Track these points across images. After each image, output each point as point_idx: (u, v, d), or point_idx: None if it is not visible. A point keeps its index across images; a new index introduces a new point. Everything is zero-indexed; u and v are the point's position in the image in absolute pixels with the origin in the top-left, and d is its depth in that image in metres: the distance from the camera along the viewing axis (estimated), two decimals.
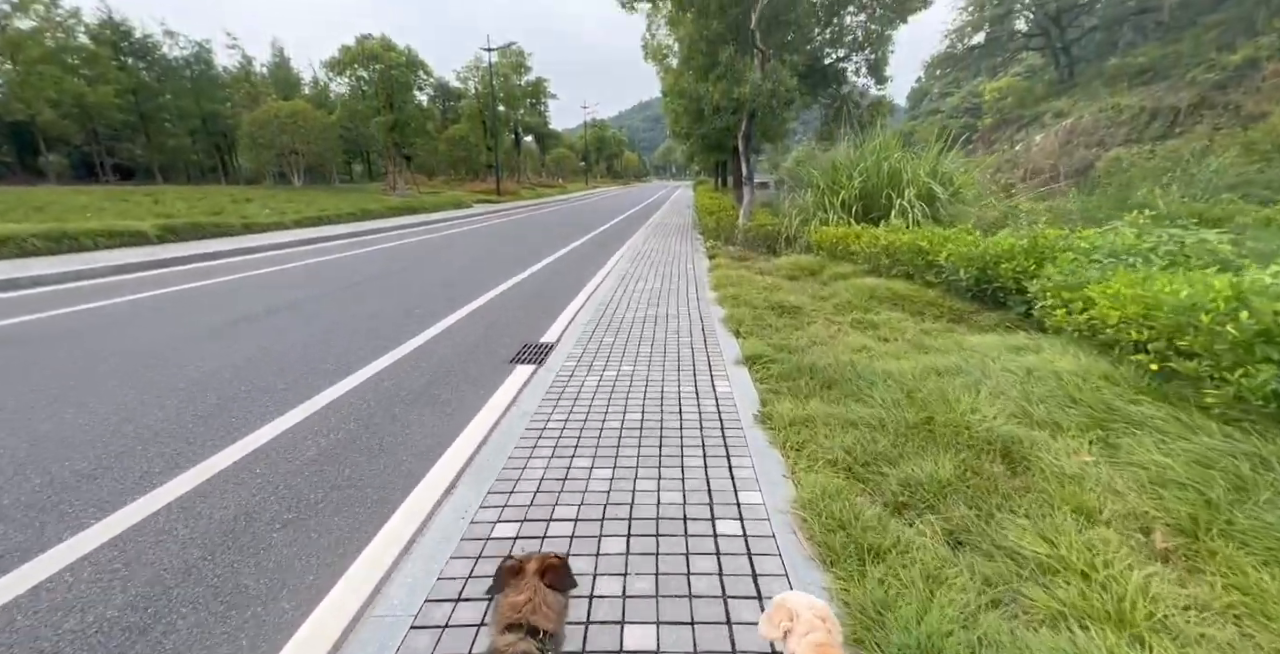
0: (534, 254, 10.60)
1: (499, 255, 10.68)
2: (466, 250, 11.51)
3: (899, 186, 8.99)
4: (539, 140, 62.54)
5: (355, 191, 30.67)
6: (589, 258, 10.32)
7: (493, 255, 10.70)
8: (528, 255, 10.44)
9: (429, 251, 11.33)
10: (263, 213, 14.23)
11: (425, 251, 11.33)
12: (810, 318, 5.31)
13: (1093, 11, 34.62)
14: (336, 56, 24.82)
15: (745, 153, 11.54)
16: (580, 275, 8.51)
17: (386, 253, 11.10)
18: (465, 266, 9.34)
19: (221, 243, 10.77)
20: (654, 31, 24.24)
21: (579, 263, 9.77)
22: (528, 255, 10.44)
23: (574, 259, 10.22)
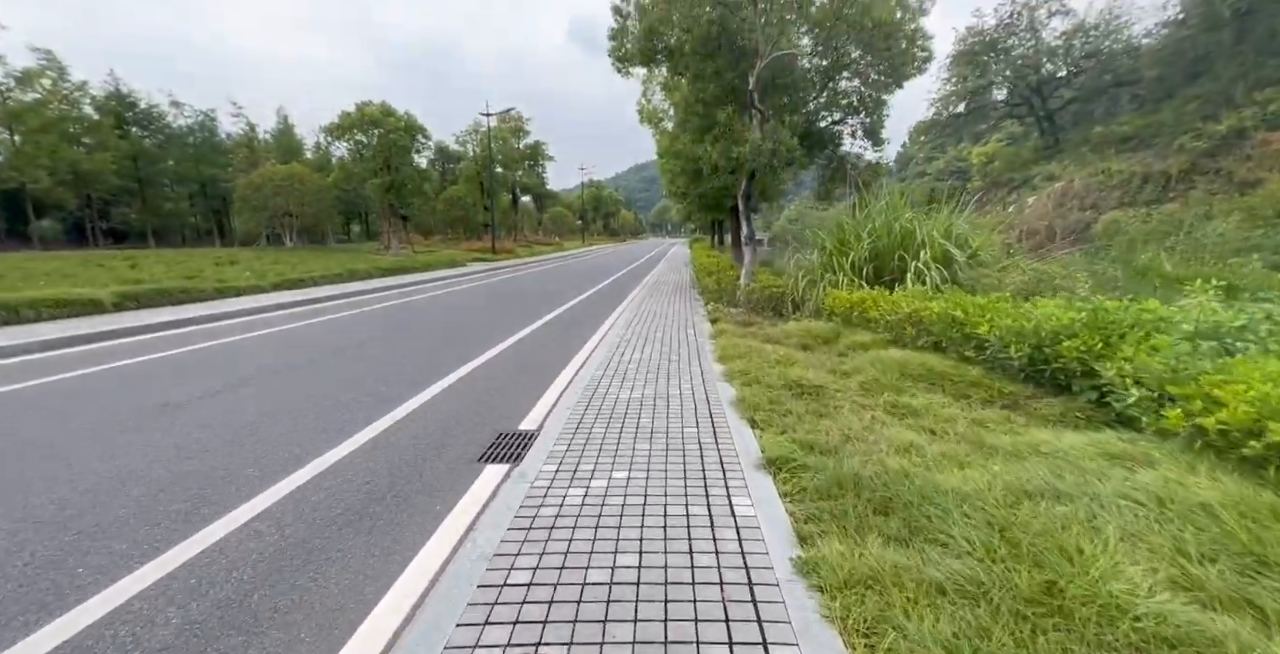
0: (522, 318, 9.96)
1: (485, 319, 10.03)
2: (451, 313, 10.88)
3: (911, 248, 8.51)
4: (537, 200, 64.00)
5: (349, 251, 30.59)
6: (581, 321, 9.68)
7: (478, 319, 10.05)
8: (515, 319, 9.80)
9: (411, 315, 10.69)
10: (243, 276, 13.72)
11: (406, 315, 10.69)
12: (835, 401, 4.55)
13: (1071, 84, 36.28)
14: (336, 122, 25.34)
15: (745, 212, 11.20)
16: (570, 342, 7.81)
17: (365, 317, 10.45)
18: (447, 333, 8.66)
19: (187, 310, 10.13)
20: (649, 97, 24.99)
21: (570, 327, 9.12)
22: (515, 319, 9.80)
23: (565, 323, 9.58)
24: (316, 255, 23.93)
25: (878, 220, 8.99)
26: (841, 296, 7.46)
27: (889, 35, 12.48)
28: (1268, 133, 21.29)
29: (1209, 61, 25.86)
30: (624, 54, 14.76)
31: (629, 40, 14.37)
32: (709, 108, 14.00)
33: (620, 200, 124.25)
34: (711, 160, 10.59)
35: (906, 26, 12.70)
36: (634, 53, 14.28)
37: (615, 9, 14.38)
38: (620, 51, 14.76)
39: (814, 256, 9.62)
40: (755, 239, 11.33)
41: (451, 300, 13.13)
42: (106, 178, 29.15)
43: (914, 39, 13.01)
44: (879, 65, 13.06)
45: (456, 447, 4.07)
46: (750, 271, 11.16)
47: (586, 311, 10.99)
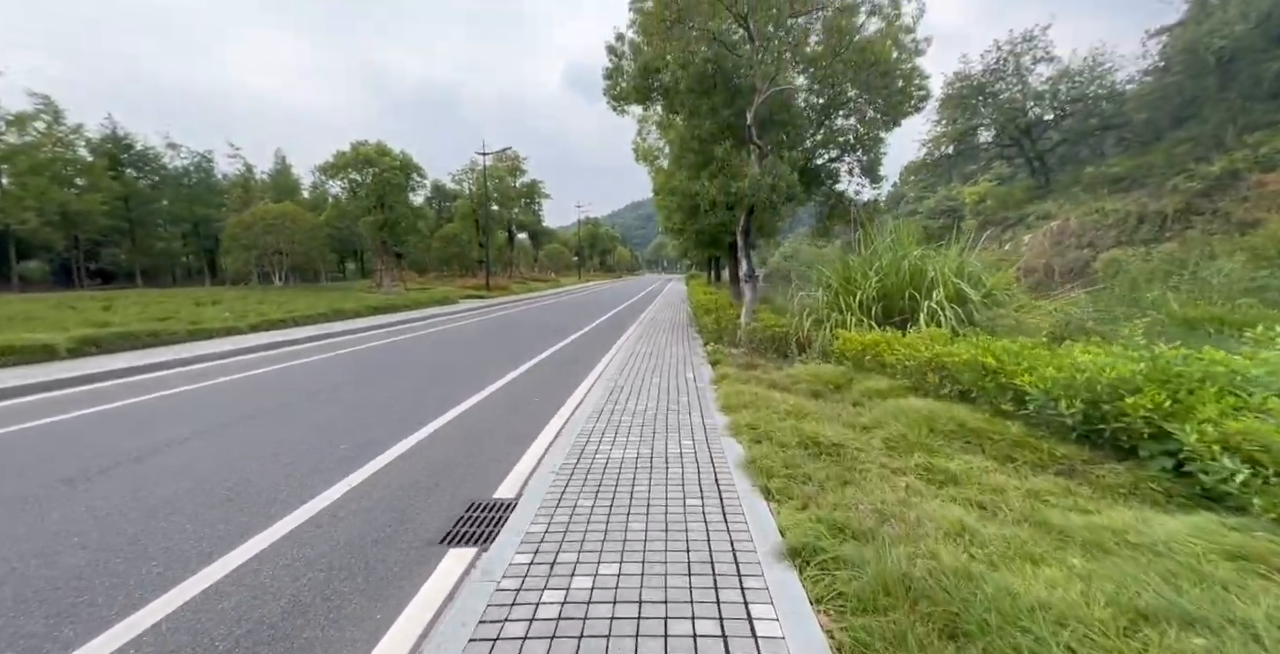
0: (511, 359, 9.40)
1: (471, 361, 9.46)
2: (435, 356, 10.31)
3: (922, 287, 8.08)
4: (533, 237, 64.39)
5: (341, 289, 30.22)
6: (573, 363, 9.12)
7: (464, 360, 9.48)
8: (503, 361, 9.23)
9: (394, 356, 10.11)
10: (221, 317, 13.19)
11: (389, 356, 10.12)
12: (859, 463, 3.97)
13: (1058, 127, 37.10)
14: (330, 161, 25.41)
15: (744, 248, 10.84)
16: (561, 387, 7.23)
17: (345, 359, 9.87)
18: (426, 378, 8.07)
19: (152, 354, 9.54)
20: (644, 135, 25.24)
21: (561, 369, 8.55)
22: (503, 361, 9.23)
23: (556, 364, 9.01)
24: (305, 294, 23.45)
25: (885, 258, 8.59)
26: (852, 339, 6.95)
27: (886, 73, 12.48)
28: (1263, 174, 21.50)
29: (1196, 105, 26.42)
30: (619, 92, 14.76)
31: (624, 79, 14.39)
32: (705, 144, 13.88)
33: (616, 237, 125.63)
34: (710, 196, 10.30)
35: (903, 65, 12.73)
36: (629, 91, 14.27)
37: (610, 49, 14.46)
38: (615, 90, 14.77)
39: (818, 295, 9.18)
40: (755, 276, 10.92)
41: (438, 340, 12.58)
42: (95, 219, 29.02)
43: (911, 77, 13.03)
44: (876, 103, 13.02)
45: (420, 519, 3.47)
46: (751, 310, 10.69)
47: (579, 352, 10.44)
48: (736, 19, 9.34)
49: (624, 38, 14.29)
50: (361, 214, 26.25)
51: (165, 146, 35.22)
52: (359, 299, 21.48)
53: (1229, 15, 23.25)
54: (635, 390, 6.82)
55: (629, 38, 14.20)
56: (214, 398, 6.90)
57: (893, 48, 12.44)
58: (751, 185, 9.22)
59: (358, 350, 10.89)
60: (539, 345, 11.26)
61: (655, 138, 24.70)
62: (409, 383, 7.71)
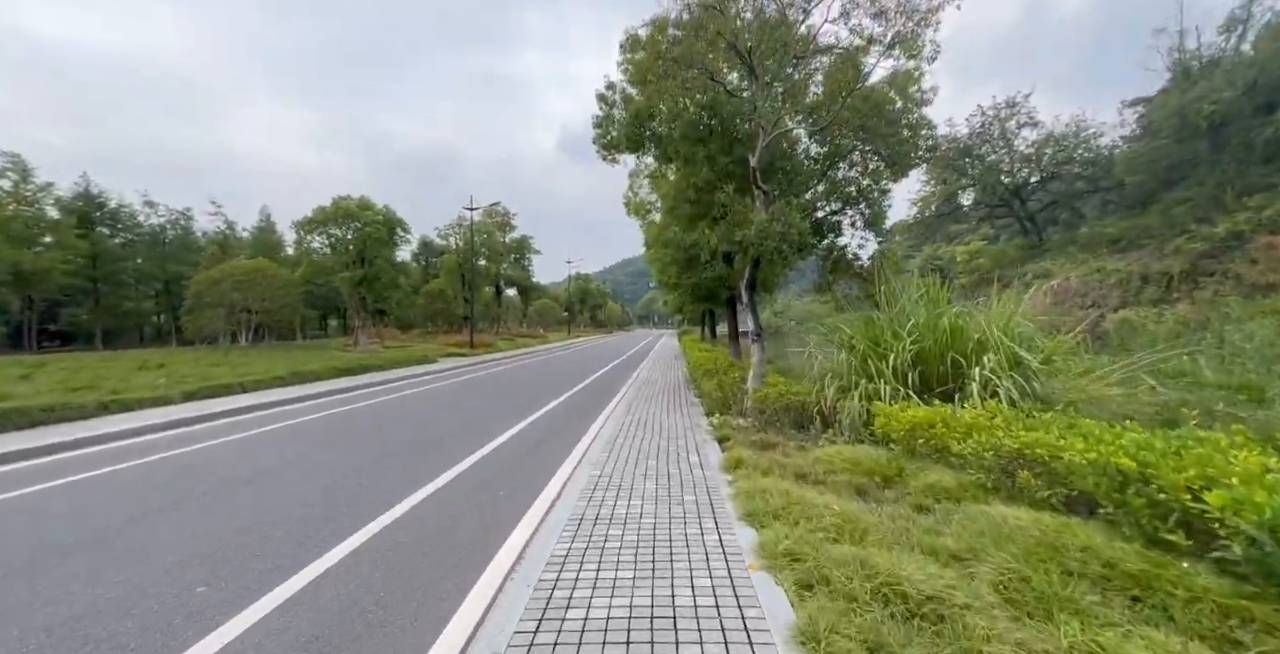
0: (474, 436, 7.93)
1: (425, 438, 7.97)
2: (385, 430, 8.81)
3: (965, 350, 6.85)
4: (523, 292, 63.69)
5: (315, 348, 28.70)
6: (549, 441, 7.66)
7: (415, 439, 7.99)
8: (463, 440, 7.76)
9: (339, 432, 8.60)
10: (155, 384, 11.66)
11: (333, 432, 8.60)
12: (978, 639, 2.54)
13: (1046, 188, 37.66)
14: (309, 216, 24.65)
15: (750, 303, 9.67)
16: (528, 481, 5.76)
17: (284, 434, 8.35)
18: (371, 459, 6.58)
19: (47, 433, 8.01)
20: (636, 189, 24.82)
21: (533, 452, 7.08)
22: (463, 440, 7.76)
23: (528, 443, 7.55)
24: (271, 354, 21.97)
25: (918, 314, 7.40)
26: (897, 415, 5.62)
27: (891, 122, 11.85)
28: (1271, 236, 21.24)
29: (1187, 168, 26.63)
30: (609, 141, 14.09)
31: (614, 127, 13.76)
32: (701, 193, 13.06)
33: (607, 293, 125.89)
34: (711, 245, 9.23)
35: (910, 115, 12.14)
36: (620, 139, 13.60)
37: (600, 97, 13.92)
38: (605, 138, 14.11)
39: (840, 357, 7.90)
40: (763, 334, 9.69)
41: (399, 409, 11.09)
42: (53, 278, 27.69)
43: (917, 128, 12.41)
44: (882, 153, 12.31)
45: None
46: (760, 373, 9.39)
47: (556, 425, 8.99)
48: (740, 56, 8.64)
49: (615, 86, 13.79)
50: (339, 269, 25.21)
51: (142, 204, 34.76)
52: (328, 359, 19.99)
53: (1215, 83, 23.75)
54: (625, 483, 5.37)
55: (620, 86, 13.71)
56: (98, 494, 5.35)
57: (896, 97, 11.88)
58: (759, 233, 8.17)
59: (298, 424, 9.36)
60: (513, 415, 9.80)
61: (647, 191, 24.27)
62: (357, 461, 6.20)
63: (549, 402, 11.53)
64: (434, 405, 11.45)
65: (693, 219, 15.23)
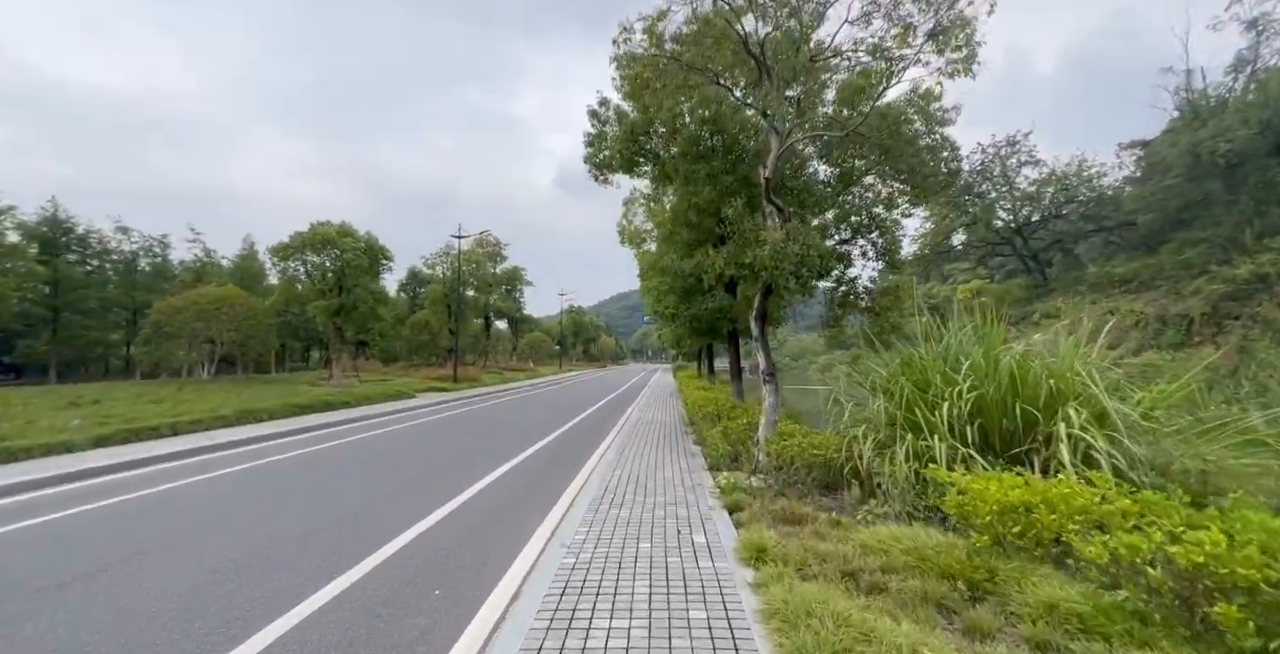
0: (423, 499, 6.44)
1: (371, 498, 6.46)
2: (319, 488, 7.29)
3: (1036, 399, 5.52)
4: (514, 324, 62.31)
5: (282, 382, 27.01)
6: (514, 508, 6.18)
7: (350, 506, 6.47)
8: (410, 502, 6.27)
9: (253, 494, 7.07)
10: (68, 426, 10.12)
11: (246, 494, 7.07)
12: None
13: (1048, 227, 37.20)
14: (285, 242, 23.42)
15: (761, 338, 8.31)
16: (474, 574, 4.27)
17: (189, 496, 6.82)
18: (268, 541, 5.07)
19: None
20: (630, 217, 23.86)
21: (493, 521, 5.60)
22: (410, 502, 6.27)
23: (488, 509, 6.06)
24: (228, 389, 20.40)
25: (972, 352, 6.08)
26: (980, 491, 4.18)
27: (911, 141, 10.85)
28: None
29: (1201, 207, 26.00)
30: (602, 160, 13.04)
31: (607, 145, 12.73)
32: (702, 214, 11.93)
33: (601, 326, 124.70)
34: (716, 269, 7.94)
35: (932, 135, 11.13)
36: (613, 157, 12.54)
37: (592, 113, 12.93)
38: (598, 157, 13.06)
39: (875, 404, 6.52)
40: (775, 374, 8.31)
41: (342, 458, 9.55)
42: (6, 307, 25.91)
43: (938, 150, 11.38)
44: (899, 176, 11.23)
45: None
46: (773, 421, 7.98)
47: (529, 481, 7.50)
48: (752, 55, 7.60)
49: (608, 102, 12.84)
50: (314, 298, 23.82)
51: (115, 231, 33.44)
52: (292, 395, 18.38)
53: (1228, 122, 23.34)
54: (607, 582, 3.90)
55: (614, 103, 12.75)
56: None
57: (916, 116, 10.89)
58: (773, 255, 6.92)
59: (213, 479, 7.80)
60: (479, 467, 8.29)
61: (642, 219, 23.31)
62: (216, 563, 4.68)
63: (525, 449, 10.02)
64: (388, 453, 9.90)
65: (691, 245, 14.07)
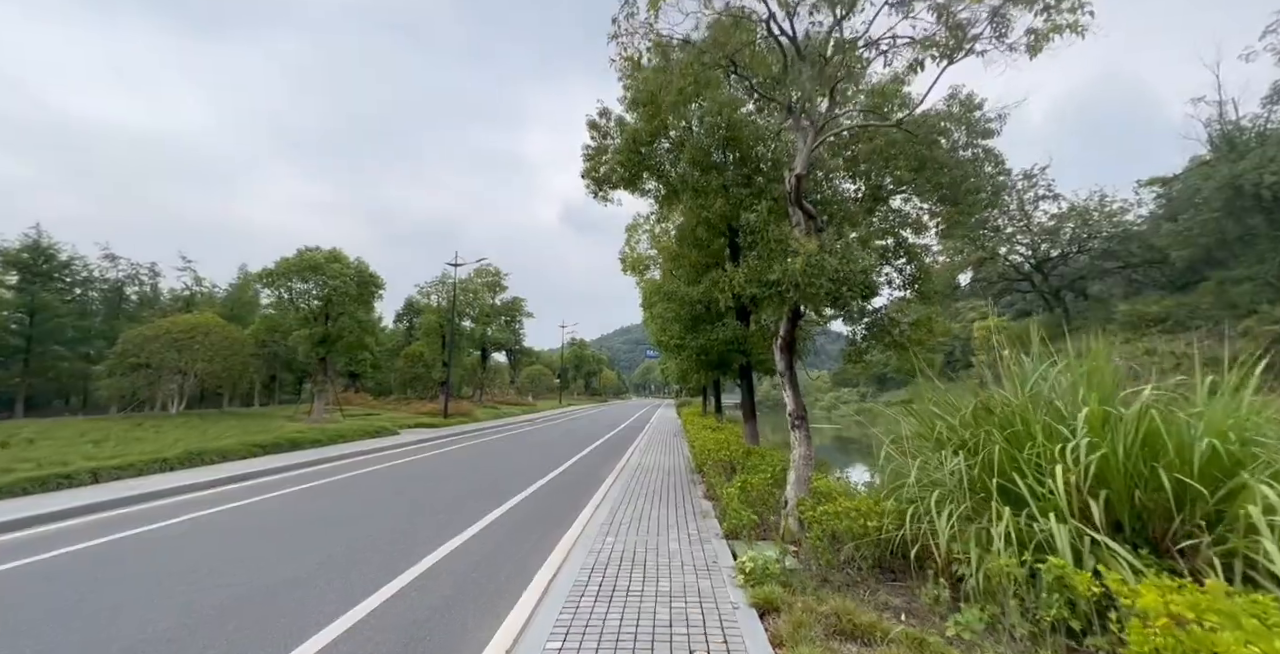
0: (365, 576, 4.86)
1: (264, 595, 4.88)
2: (230, 565, 5.70)
3: (1187, 466, 4.01)
4: (512, 357, 60.85)
5: (257, 417, 25.42)
6: (461, 603, 4.60)
7: (254, 594, 4.89)
8: (349, 578, 4.70)
9: (147, 568, 5.50)
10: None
11: (145, 564, 5.50)
12: None
13: (1067, 263, 36.04)
14: (270, 267, 22.25)
15: (788, 372, 6.81)
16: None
17: (61, 569, 5.25)
18: (183, 624, 3.51)
19: None
20: (634, 244, 22.74)
21: (441, 618, 4.02)
22: (349, 578, 4.70)
23: (433, 599, 4.49)
24: (193, 425, 18.85)
25: (1086, 398, 4.57)
26: (1211, 644, 2.61)
27: (949, 150, 9.62)
28: None
29: (1245, 244, 24.67)
30: (602, 175, 11.88)
31: (608, 158, 11.57)
32: (713, 232, 10.65)
33: (603, 360, 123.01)
34: (734, 288, 6.49)
35: (974, 148, 9.89)
36: (614, 171, 11.36)
37: (592, 125, 11.84)
38: (597, 172, 11.89)
39: (950, 463, 4.96)
40: (806, 417, 6.78)
41: (277, 515, 7.97)
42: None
43: (980, 164, 10.11)
44: (939, 191, 9.90)
45: None
46: (806, 477, 6.43)
47: (493, 559, 5.91)
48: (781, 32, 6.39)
49: (609, 113, 11.76)
50: (296, 326, 22.49)
51: (101, 258, 32.50)
52: (262, 431, 16.82)
53: (1270, 153, 22.30)
54: None
55: (616, 113, 11.67)
56: None
57: (953, 127, 9.67)
58: (808, 269, 5.54)
59: (98, 549, 6.23)
60: (436, 533, 6.71)
61: (645, 246, 22.20)
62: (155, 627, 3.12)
63: (496, 507, 8.40)
64: (326, 513, 8.28)
65: (699, 269, 12.76)
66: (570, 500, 8.87)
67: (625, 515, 7.57)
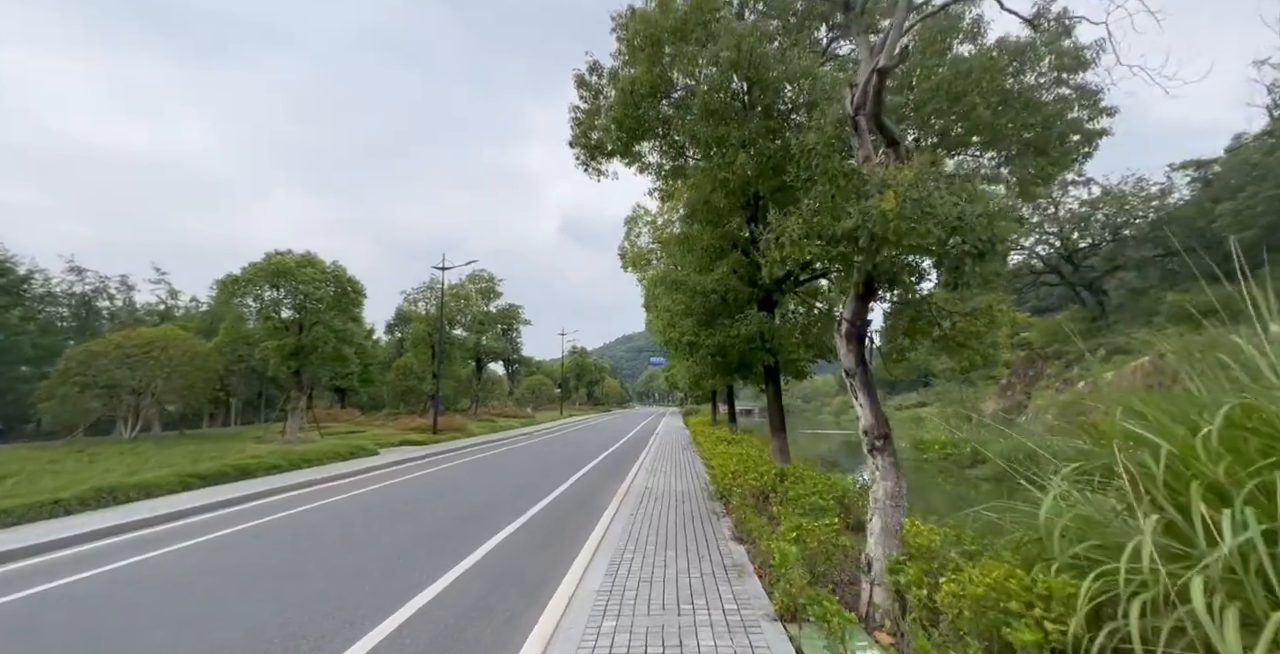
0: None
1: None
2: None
3: None
4: (510, 367, 58.78)
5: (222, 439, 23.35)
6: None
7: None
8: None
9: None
10: None
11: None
12: None
13: (1097, 252, 33.84)
14: (235, 274, 20.30)
15: (858, 368, 4.75)
16: None
17: None
18: None
19: None
20: (634, 239, 20.78)
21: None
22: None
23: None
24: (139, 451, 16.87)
25: None
26: None
27: (1029, 103, 7.57)
28: None
29: None
30: (594, 142, 9.91)
31: (600, 120, 9.60)
32: (732, 199, 8.65)
33: (605, 368, 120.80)
34: (783, 251, 4.32)
35: (1060, 86, 7.84)
36: (608, 134, 9.35)
37: (580, 81, 9.87)
38: (586, 138, 9.92)
39: (1197, 510, 2.90)
40: (889, 437, 4.71)
41: (159, 591, 5.92)
42: None
43: (1063, 112, 8.01)
44: (1025, 139, 7.77)
45: None
46: (897, 526, 4.36)
47: (469, 617, 3.85)
48: None
49: (600, 68, 9.80)
50: (264, 337, 20.51)
51: (66, 271, 30.60)
52: (211, 459, 14.79)
53: None
54: None
55: (608, 67, 9.71)
56: None
57: (1041, 50, 7.64)
58: (906, 210, 3.52)
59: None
60: (379, 602, 4.65)
61: (647, 240, 20.24)
62: None
63: (460, 558, 6.32)
64: (239, 574, 6.20)
65: (712, 253, 10.76)
66: (556, 549, 6.78)
67: (629, 576, 5.48)
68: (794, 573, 4.40)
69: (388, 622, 4.54)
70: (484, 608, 4.85)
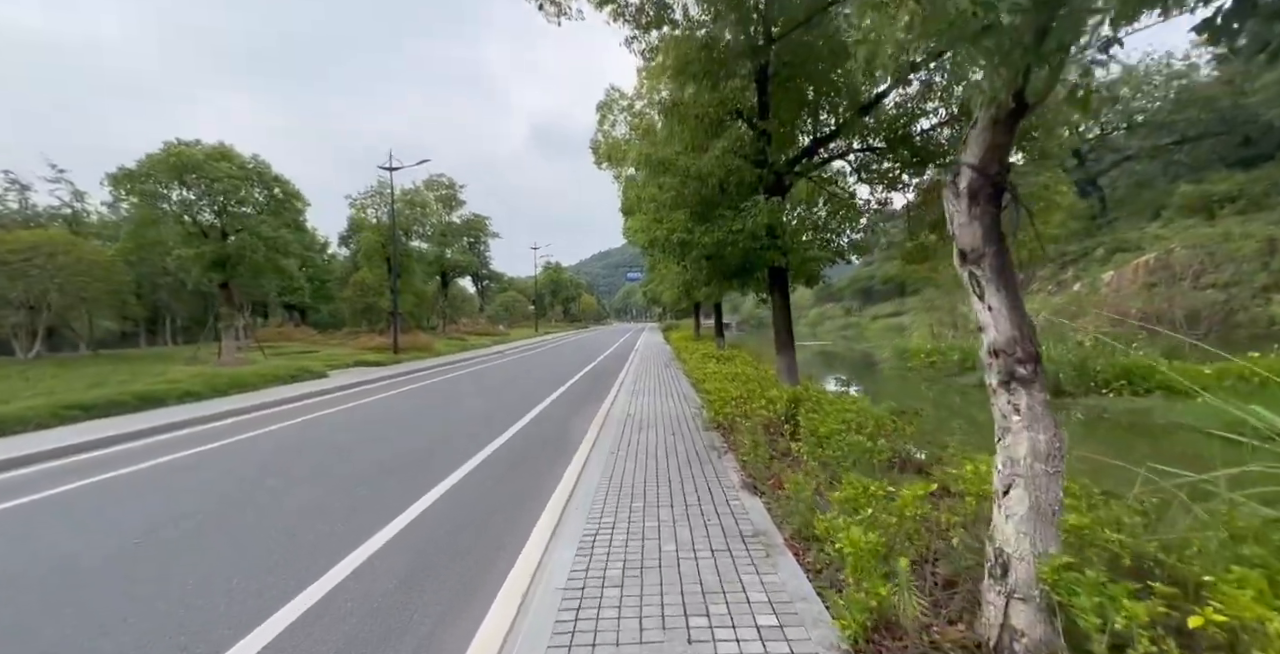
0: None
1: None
2: None
3: None
4: (480, 283, 56.12)
5: (144, 360, 21.13)
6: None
7: None
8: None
9: None
10: None
11: None
12: None
13: (1104, 142, 31.42)
14: (129, 168, 16.97)
15: (994, 255, 2.89)
16: None
17: None
18: None
19: None
20: (609, 127, 17.91)
21: None
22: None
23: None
24: (24, 375, 14.67)
25: None
26: None
27: None
28: None
29: None
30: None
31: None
32: (746, 42, 6.27)
33: (581, 284, 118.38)
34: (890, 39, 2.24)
35: None
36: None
37: None
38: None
39: None
40: (1038, 360, 2.90)
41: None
42: None
43: None
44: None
45: None
46: (1054, 505, 2.62)
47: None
48: None
49: None
50: (177, 244, 17.70)
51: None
52: (118, 384, 12.75)
53: None
54: None
55: None
56: None
57: None
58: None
59: None
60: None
61: (624, 130, 17.40)
62: None
63: (404, 508, 4.61)
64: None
65: (709, 124, 8.44)
66: (520, 496, 5.12)
67: (609, 559, 3.81)
68: (875, 581, 2.71)
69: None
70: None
